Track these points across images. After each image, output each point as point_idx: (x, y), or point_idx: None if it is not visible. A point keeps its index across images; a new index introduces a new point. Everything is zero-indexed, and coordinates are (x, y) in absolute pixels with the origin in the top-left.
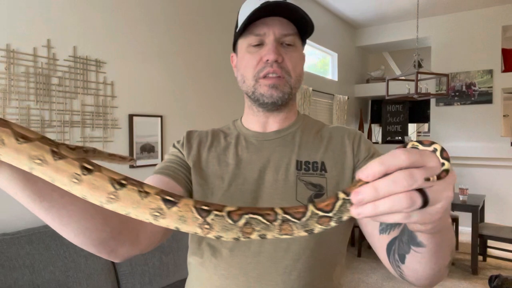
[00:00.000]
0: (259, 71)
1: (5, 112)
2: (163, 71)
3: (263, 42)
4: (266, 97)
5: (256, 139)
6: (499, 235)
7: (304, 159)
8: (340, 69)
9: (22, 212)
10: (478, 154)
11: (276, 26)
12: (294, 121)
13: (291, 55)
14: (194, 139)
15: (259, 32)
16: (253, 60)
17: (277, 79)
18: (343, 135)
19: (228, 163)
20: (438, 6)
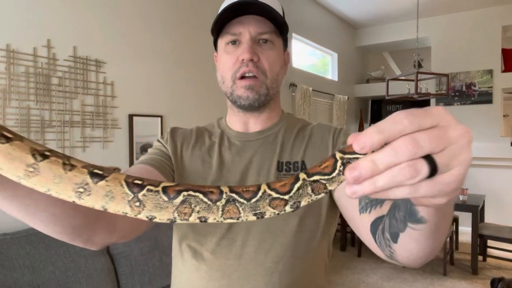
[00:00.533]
0: (235, 71)
1: (5, 112)
2: (163, 71)
3: (240, 41)
4: (243, 99)
5: (238, 140)
6: (499, 235)
7: (285, 159)
8: (340, 69)
9: None
10: (478, 154)
11: (252, 24)
12: (277, 121)
13: (267, 54)
14: (178, 136)
15: (235, 31)
16: (230, 61)
17: (253, 80)
18: (324, 131)
19: (211, 164)
20: (438, 6)
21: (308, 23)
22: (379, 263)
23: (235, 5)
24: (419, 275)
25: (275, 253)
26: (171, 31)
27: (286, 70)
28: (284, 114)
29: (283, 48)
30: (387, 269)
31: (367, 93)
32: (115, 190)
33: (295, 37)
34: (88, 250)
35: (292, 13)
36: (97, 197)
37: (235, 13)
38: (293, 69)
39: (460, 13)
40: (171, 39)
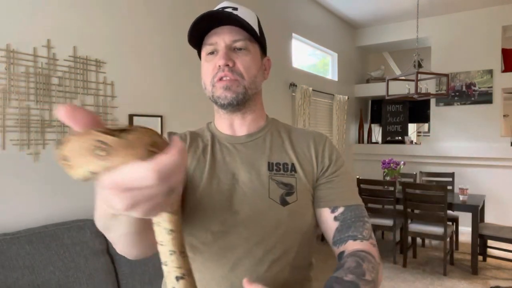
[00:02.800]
0: (214, 76)
1: (5, 112)
2: (163, 71)
3: (217, 50)
4: (222, 98)
5: (229, 142)
6: (499, 235)
7: (275, 160)
8: (340, 69)
9: (22, 212)
10: (478, 154)
11: (226, 34)
12: (264, 125)
13: (242, 59)
14: None
15: (212, 41)
16: (210, 68)
17: (229, 81)
18: (309, 139)
19: (205, 165)
20: (438, 6)
21: (308, 23)
22: None
23: (207, 16)
24: (419, 275)
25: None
26: (172, 30)
27: (267, 74)
28: (269, 119)
29: (261, 54)
30: (387, 269)
31: (367, 93)
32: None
33: (295, 37)
34: (88, 250)
35: (292, 13)
36: None
37: (211, 25)
38: (293, 69)
39: (460, 13)
40: (172, 39)
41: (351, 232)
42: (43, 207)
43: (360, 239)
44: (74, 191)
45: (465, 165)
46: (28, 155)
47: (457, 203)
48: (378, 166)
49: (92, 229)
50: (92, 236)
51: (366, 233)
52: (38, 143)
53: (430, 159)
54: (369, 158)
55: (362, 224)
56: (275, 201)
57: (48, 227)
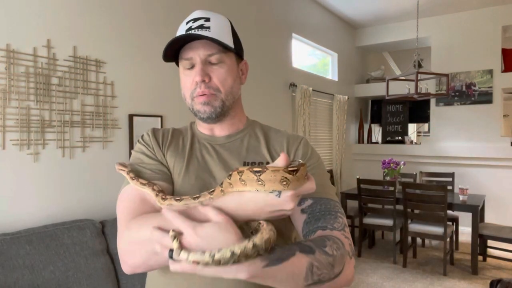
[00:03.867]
0: (192, 91)
1: (5, 112)
2: (163, 71)
3: (193, 65)
4: (201, 112)
5: (208, 142)
6: (499, 235)
7: (251, 160)
8: (340, 69)
9: (22, 212)
10: (478, 154)
11: (200, 48)
12: (243, 127)
13: (218, 72)
14: (159, 137)
15: (188, 56)
16: (188, 82)
17: (207, 96)
18: (283, 140)
19: (183, 161)
20: (438, 6)
21: (308, 23)
22: (379, 263)
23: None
24: (419, 275)
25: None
26: (172, 30)
27: (245, 79)
28: (249, 121)
29: (237, 60)
30: (387, 269)
31: (367, 93)
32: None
33: (295, 37)
34: (88, 250)
35: (292, 13)
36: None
37: (184, 41)
38: (293, 69)
39: (460, 13)
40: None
41: (320, 223)
42: (43, 207)
43: (330, 229)
44: (73, 191)
45: (465, 165)
46: (28, 155)
47: (457, 203)
48: (378, 166)
49: (92, 229)
50: (92, 236)
51: (338, 225)
52: (38, 143)
53: (430, 159)
54: (369, 158)
55: (333, 217)
56: None
57: (48, 227)
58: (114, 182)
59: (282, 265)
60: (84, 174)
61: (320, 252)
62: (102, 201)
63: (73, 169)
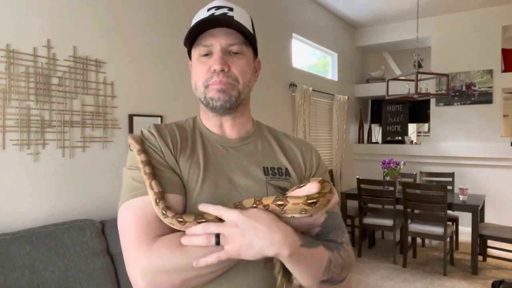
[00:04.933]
0: (207, 79)
1: (5, 112)
2: (163, 71)
3: (211, 52)
4: (215, 100)
5: (221, 145)
6: (499, 235)
7: (270, 165)
8: (340, 69)
9: (22, 212)
10: (478, 154)
11: (222, 37)
12: (252, 129)
13: (238, 63)
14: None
15: (207, 43)
16: (203, 70)
17: (224, 84)
18: (297, 146)
19: (199, 167)
20: (438, 6)
21: (308, 23)
22: (379, 263)
23: (206, 20)
24: (419, 275)
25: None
26: (172, 30)
27: (257, 76)
28: (255, 122)
29: (254, 56)
30: (387, 269)
31: (367, 93)
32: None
33: (295, 37)
34: (88, 250)
35: (292, 13)
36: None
37: (207, 26)
38: (293, 69)
39: (460, 13)
40: (172, 39)
41: (330, 236)
42: (43, 207)
43: (339, 243)
44: (73, 191)
45: (465, 165)
46: (28, 155)
47: (457, 203)
48: (378, 166)
49: (92, 229)
50: (92, 236)
51: (345, 239)
52: (38, 143)
53: (430, 159)
54: (369, 158)
55: (341, 232)
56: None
57: (48, 227)
58: (114, 182)
59: (313, 249)
60: (84, 174)
61: (336, 253)
62: (102, 201)
63: (73, 169)
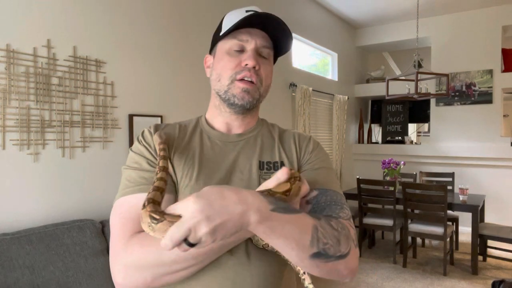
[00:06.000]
0: (236, 72)
1: (5, 112)
2: (163, 71)
3: (244, 49)
4: (238, 98)
5: (220, 140)
6: (499, 235)
7: (266, 159)
8: (340, 69)
9: (22, 212)
10: (478, 154)
11: (258, 37)
12: (255, 125)
13: (265, 67)
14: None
15: (243, 38)
16: (232, 63)
17: (250, 84)
18: (294, 136)
19: (194, 162)
20: (438, 6)
21: (308, 23)
22: (379, 263)
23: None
24: (419, 275)
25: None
26: (172, 31)
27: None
28: (259, 119)
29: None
30: (387, 269)
31: (367, 93)
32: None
33: (295, 37)
34: (88, 250)
35: (292, 13)
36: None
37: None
38: (293, 69)
39: (460, 13)
40: (172, 39)
41: (325, 212)
42: (43, 207)
43: (335, 217)
44: (73, 191)
45: (465, 165)
46: (28, 155)
47: (457, 203)
48: (378, 166)
49: (92, 229)
50: (92, 236)
51: (343, 215)
52: (38, 143)
53: (430, 159)
54: (369, 158)
55: (339, 207)
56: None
57: (48, 227)
58: (114, 182)
59: (288, 215)
60: (84, 174)
61: (325, 222)
62: (102, 201)
63: (73, 169)
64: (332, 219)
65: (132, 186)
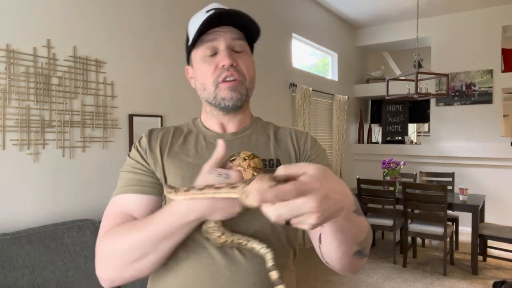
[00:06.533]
0: (217, 76)
1: (5, 112)
2: (163, 71)
3: (217, 51)
4: (227, 100)
5: (215, 140)
6: (499, 235)
7: (261, 157)
8: (340, 69)
9: (22, 212)
10: (478, 154)
11: (227, 33)
12: (249, 123)
13: (243, 59)
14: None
15: (212, 41)
16: (210, 68)
17: (234, 82)
18: (291, 133)
19: (188, 162)
20: (438, 6)
21: (308, 23)
22: (379, 263)
23: (219, 13)
24: (419, 275)
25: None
26: (172, 30)
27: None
28: (254, 117)
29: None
30: (387, 269)
31: (367, 93)
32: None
33: (295, 37)
34: (88, 250)
35: (292, 13)
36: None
37: (211, 24)
38: (293, 69)
39: (460, 13)
40: (172, 39)
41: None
42: (43, 207)
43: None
44: (74, 191)
45: (465, 165)
46: (28, 155)
47: (457, 203)
48: (378, 166)
49: (92, 229)
50: (92, 236)
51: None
52: (38, 143)
53: (430, 159)
54: (369, 158)
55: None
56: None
57: (48, 227)
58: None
59: (360, 218)
60: (84, 174)
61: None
62: (102, 201)
63: (73, 169)
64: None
65: (121, 186)
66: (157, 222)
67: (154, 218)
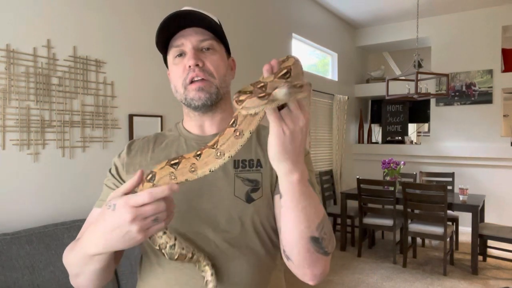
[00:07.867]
0: (185, 78)
1: (5, 112)
2: (163, 71)
3: (184, 52)
4: (195, 100)
5: (196, 142)
6: (499, 235)
7: (241, 158)
8: (340, 69)
9: (22, 212)
10: (478, 154)
11: (192, 35)
12: None
13: (211, 58)
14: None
15: (178, 43)
16: (179, 70)
17: (201, 82)
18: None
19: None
20: (438, 6)
21: (308, 23)
22: (379, 263)
23: (173, 18)
24: (419, 275)
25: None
26: None
27: (234, 74)
28: None
29: (226, 54)
30: (387, 269)
31: (367, 93)
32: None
33: (295, 37)
34: None
35: (292, 13)
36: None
37: (176, 29)
38: None
39: (460, 13)
40: None
41: None
42: (43, 207)
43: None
44: (73, 191)
45: (465, 165)
46: (28, 155)
47: (457, 203)
48: (378, 166)
49: None
50: None
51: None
52: (38, 143)
53: (430, 159)
54: (369, 158)
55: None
56: (240, 199)
57: (48, 227)
58: None
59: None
60: (84, 174)
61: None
62: None
63: (73, 169)
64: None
65: (100, 199)
66: (78, 247)
67: (80, 242)
